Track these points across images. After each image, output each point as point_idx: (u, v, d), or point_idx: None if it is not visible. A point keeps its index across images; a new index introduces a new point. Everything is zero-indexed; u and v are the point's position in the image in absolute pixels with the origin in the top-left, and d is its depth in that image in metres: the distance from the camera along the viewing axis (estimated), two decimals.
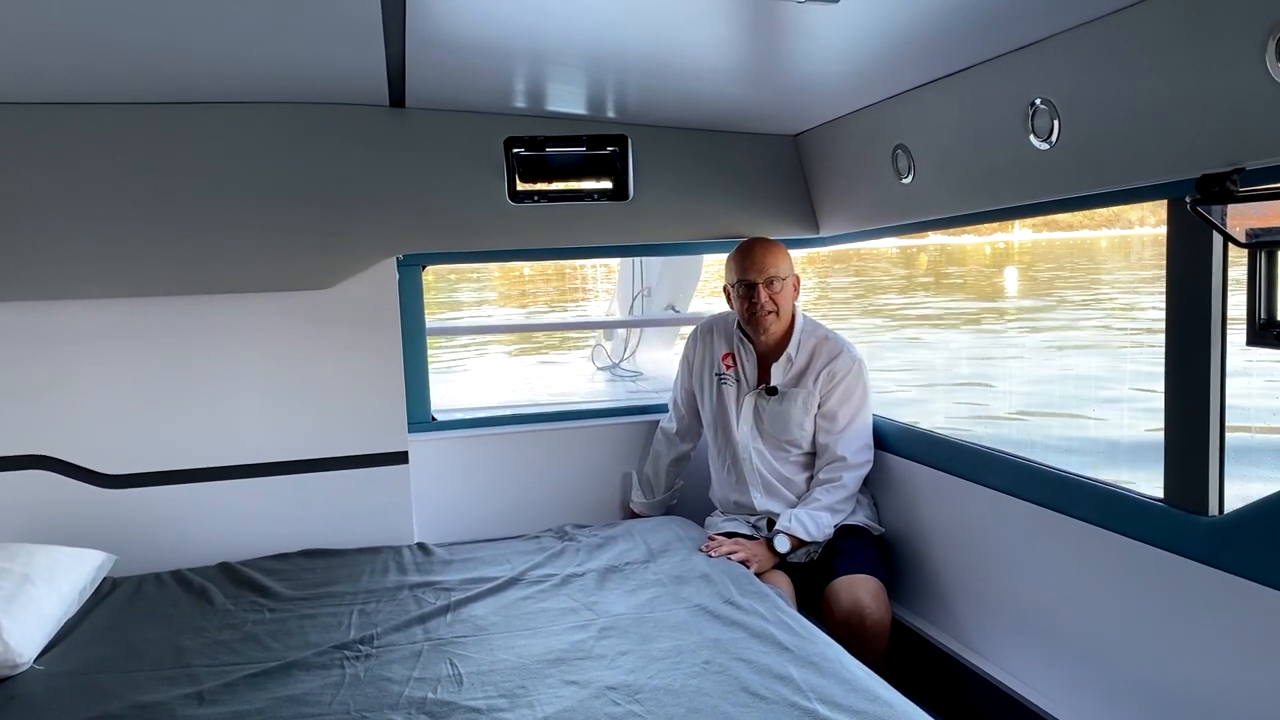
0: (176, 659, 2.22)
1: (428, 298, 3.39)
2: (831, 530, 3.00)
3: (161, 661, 2.20)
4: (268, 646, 2.27)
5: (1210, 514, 1.95)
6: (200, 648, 2.27)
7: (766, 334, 3.09)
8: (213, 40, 2.29)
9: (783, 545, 2.93)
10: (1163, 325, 2.03)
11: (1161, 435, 2.06)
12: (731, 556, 2.80)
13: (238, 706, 1.97)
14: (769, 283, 3.03)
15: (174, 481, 3.00)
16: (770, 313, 3.04)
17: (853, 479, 3.07)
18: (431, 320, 3.51)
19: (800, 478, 3.12)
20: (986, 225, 2.74)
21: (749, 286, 3.04)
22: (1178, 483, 2.02)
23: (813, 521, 2.96)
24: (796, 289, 3.15)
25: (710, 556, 2.79)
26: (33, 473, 2.89)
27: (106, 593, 2.63)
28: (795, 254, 3.32)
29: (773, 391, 3.10)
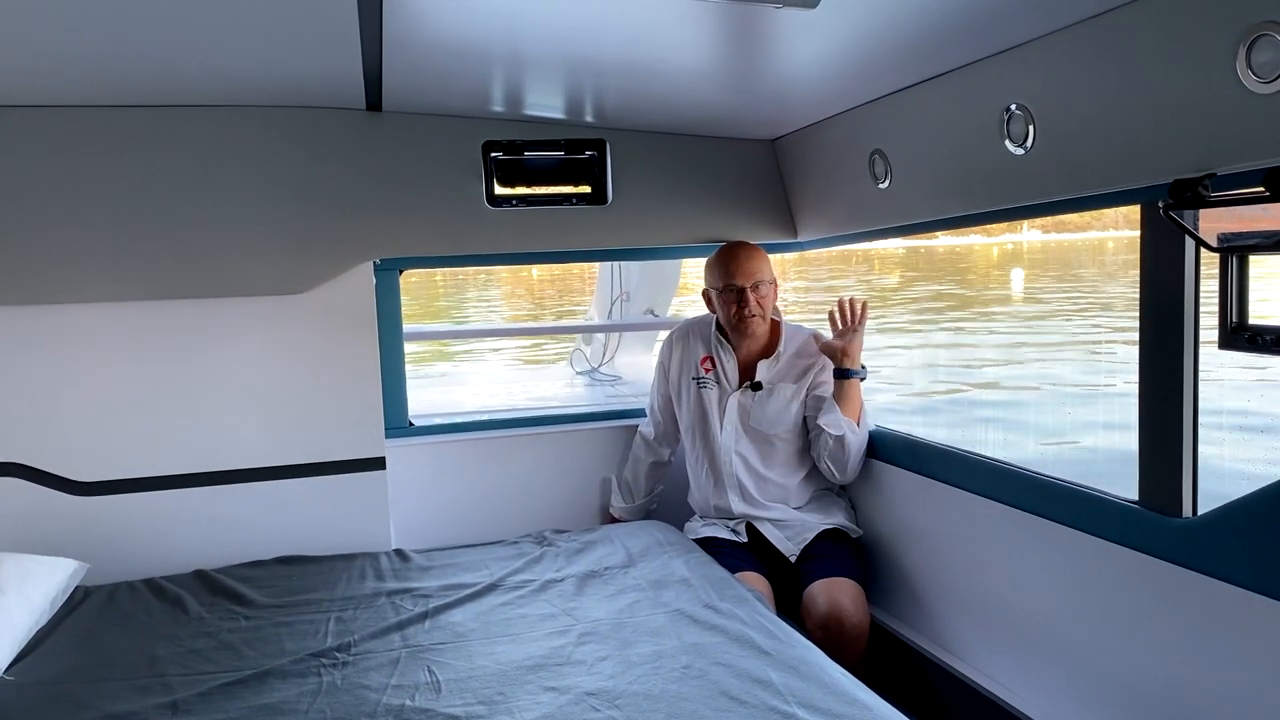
0: (150, 668, 2.19)
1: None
2: (848, 432, 3.00)
3: (135, 671, 2.17)
4: (243, 655, 2.24)
5: (1184, 515, 1.97)
6: (174, 656, 2.24)
7: (752, 337, 3.10)
8: (187, 43, 2.27)
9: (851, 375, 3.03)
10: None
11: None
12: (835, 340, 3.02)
13: (213, 716, 1.94)
14: (755, 287, 3.05)
15: (147, 489, 2.96)
16: (756, 316, 3.06)
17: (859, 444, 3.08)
18: (410, 326, 3.50)
19: (791, 480, 3.13)
20: (995, 227, 2.78)
21: (737, 291, 3.05)
22: (1152, 485, 2.04)
23: (849, 425, 3.00)
24: (775, 291, 3.16)
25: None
26: (3, 480, 2.84)
27: (79, 601, 2.59)
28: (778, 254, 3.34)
29: (758, 387, 3.11)
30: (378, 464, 3.15)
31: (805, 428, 3.14)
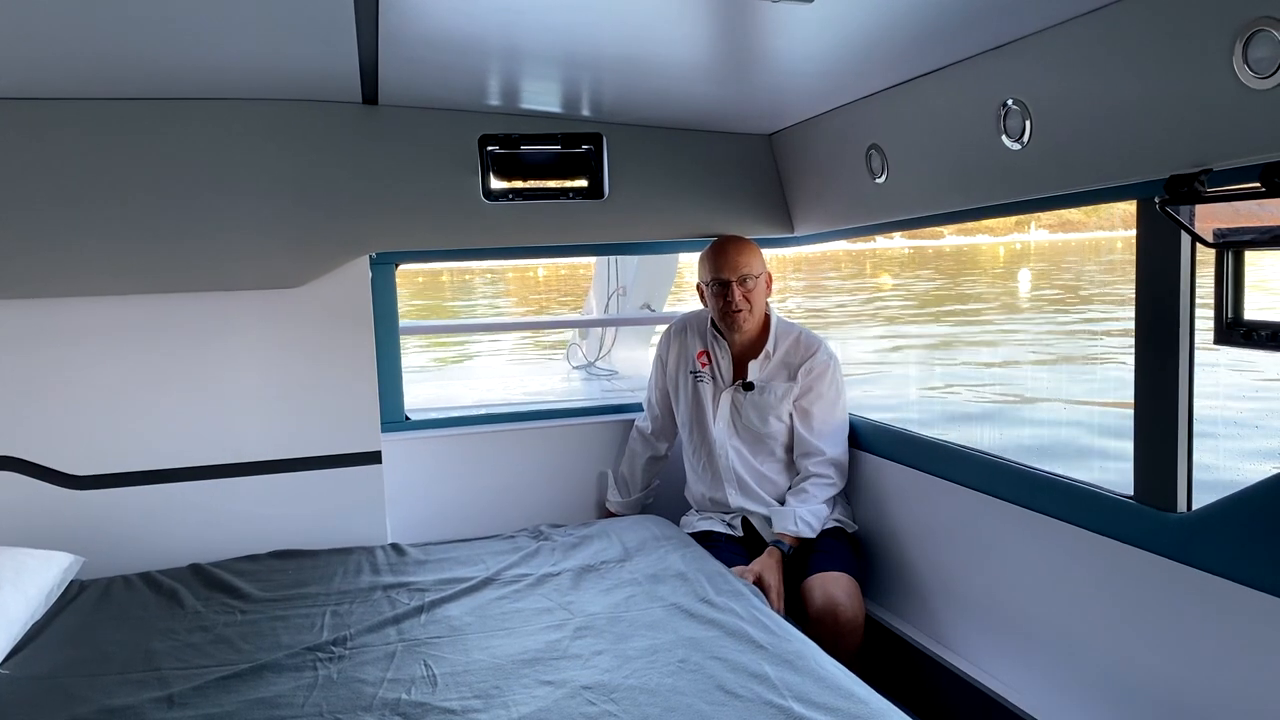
0: (146, 662, 2.19)
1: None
2: (825, 521, 3.03)
3: (131, 664, 2.17)
4: (239, 648, 2.25)
5: (1179, 511, 1.97)
6: (170, 650, 2.24)
7: (740, 332, 3.10)
8: (184, 37, 2.26)
9: (785, 546, 2.95)
10: (1122, 324, 2.08)
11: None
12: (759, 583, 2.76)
13: (208, 709, 1.95)
14: (742, 281, 3.04)
15: (143, 482, 2.96)
16: (743, 311, 3.05)
17: (839, 474, 3.09)
18: (407, 321, 3.49)
19: (781, 477, 3.13)
20: (1001, 226, 2.79)
21: (722, 285, 3.06)
22: (1147, 480, 2.04)
23: (814, 517, 2.99)
24: (769, 286, 3.16)
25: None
26: None
27: (74, 595, 2.59)
28: (773, 252, 3.33)
29: (749, 387, 3.11)
30: (374, 458, 3.15)
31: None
